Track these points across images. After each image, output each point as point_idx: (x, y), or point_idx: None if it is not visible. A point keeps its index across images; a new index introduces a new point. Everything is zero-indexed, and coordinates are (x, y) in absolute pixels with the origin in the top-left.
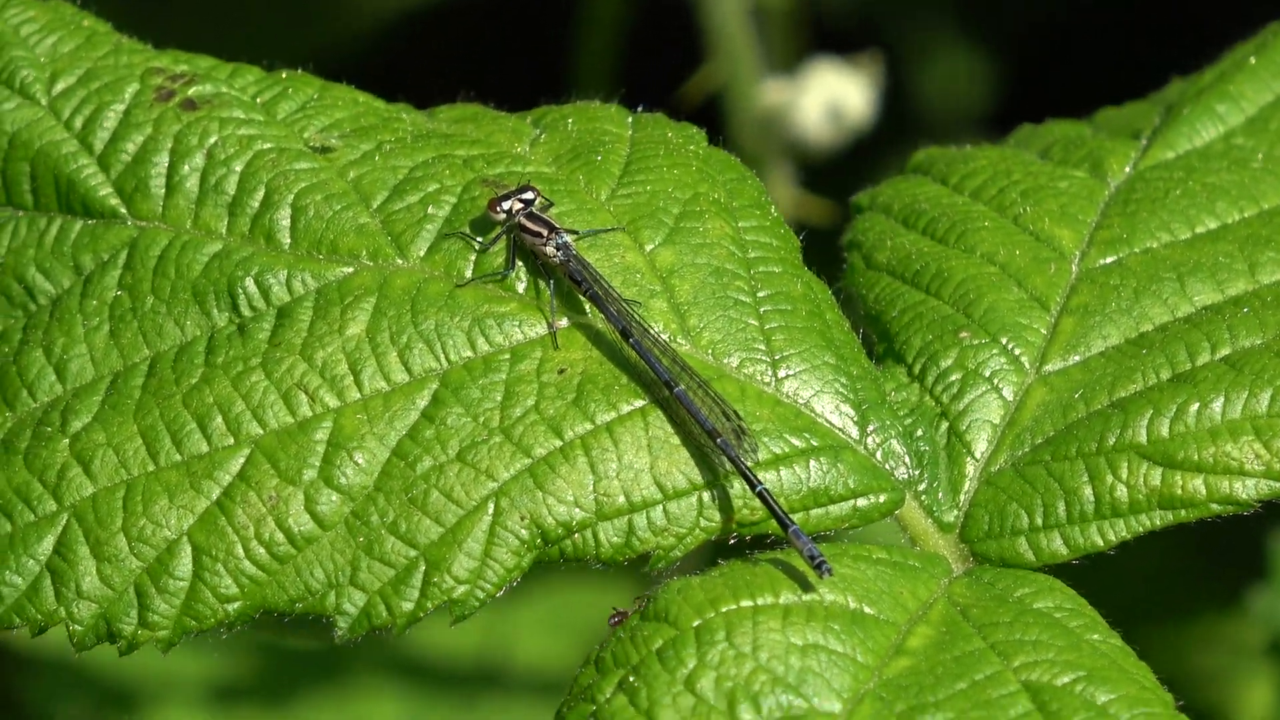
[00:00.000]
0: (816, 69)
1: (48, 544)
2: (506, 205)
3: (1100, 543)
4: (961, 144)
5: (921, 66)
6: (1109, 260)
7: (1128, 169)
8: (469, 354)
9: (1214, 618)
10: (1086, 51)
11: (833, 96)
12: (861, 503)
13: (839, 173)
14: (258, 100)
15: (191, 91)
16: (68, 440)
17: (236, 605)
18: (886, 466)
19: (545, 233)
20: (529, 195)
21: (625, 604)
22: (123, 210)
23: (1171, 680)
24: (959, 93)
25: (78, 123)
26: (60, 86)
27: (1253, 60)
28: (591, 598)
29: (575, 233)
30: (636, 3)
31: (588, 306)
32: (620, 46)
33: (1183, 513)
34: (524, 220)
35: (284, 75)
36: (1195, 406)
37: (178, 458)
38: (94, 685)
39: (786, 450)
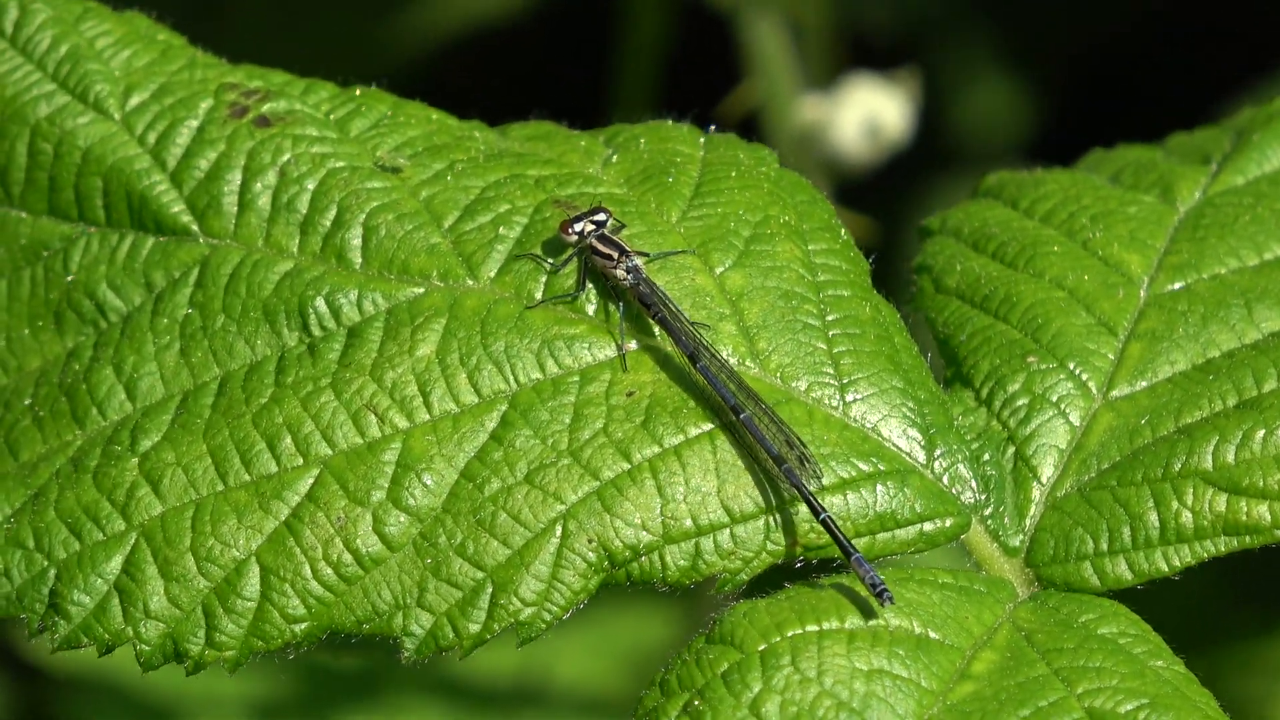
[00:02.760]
0: (854, 85)
1: (116, 563)
2: (579, 227)
3: (1165, 568)
4: (999, 169)
5: (960, 90)
6: (1177, 286)
7: (1198, 194)
8: (538, 376)
9: (1250, 644)
10: (1126, 83)
11: (870, 113)
12: (928, 527)
13: (875, 192)
14: (331, 117)
15: (265, 108)
16: (137, 459)
17: (304, 626)
18: (953, 491)
19: (616, 255)
20: (601, 217)
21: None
22: (195, 227)
23: None
24: (997, 118)
25: (151, 138)
26: (134, 101)
27: None
28: (633, 620)
29: (646, 255)
30: (677, 21)
31: (657, 330)
32: (661, 65)
33: (1248, 539)
34: (595, 242)
35: (358, 92)
36: (1261, 433)
37: (246, 478)
38: (131, 705)
39: (854, 474)
